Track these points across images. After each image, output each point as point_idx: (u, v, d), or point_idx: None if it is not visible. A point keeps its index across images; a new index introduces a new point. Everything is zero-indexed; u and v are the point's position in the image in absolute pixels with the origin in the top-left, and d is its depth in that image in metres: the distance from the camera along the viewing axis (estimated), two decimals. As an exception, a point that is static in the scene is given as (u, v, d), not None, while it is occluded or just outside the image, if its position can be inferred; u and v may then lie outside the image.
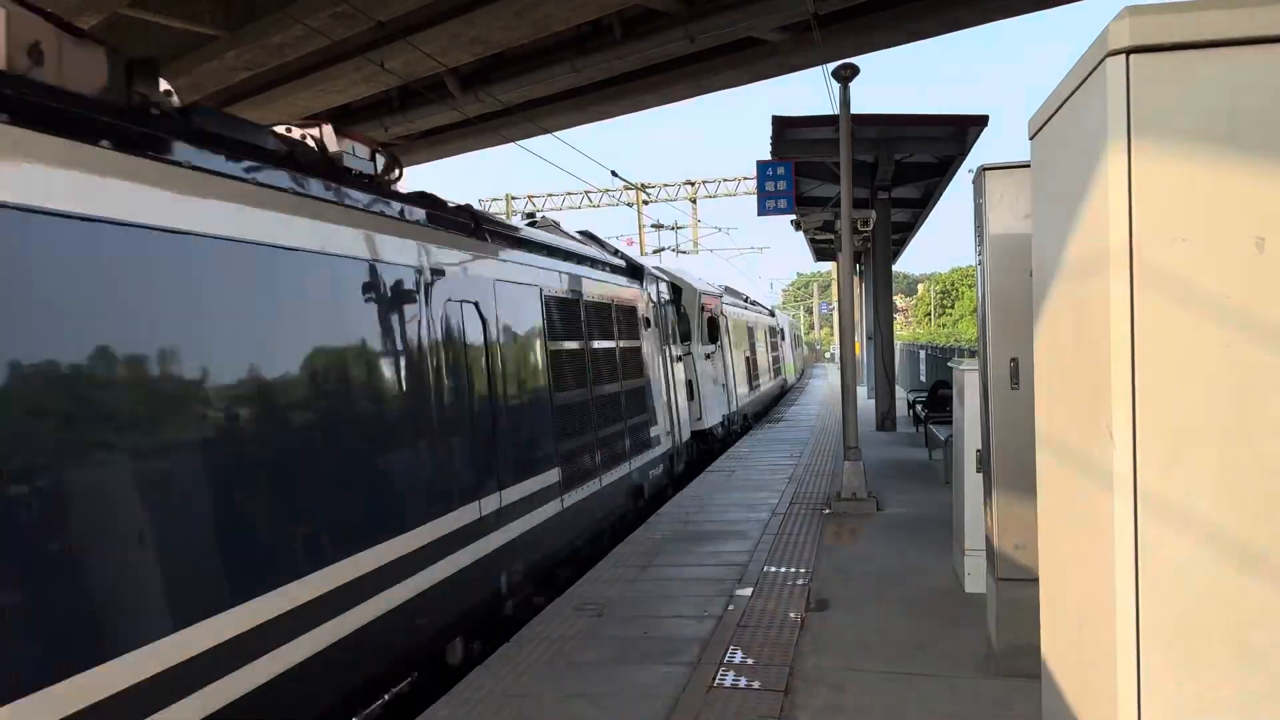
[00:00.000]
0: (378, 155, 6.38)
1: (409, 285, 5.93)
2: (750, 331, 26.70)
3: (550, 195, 46.03)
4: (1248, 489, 2.34)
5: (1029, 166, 3.62)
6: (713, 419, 16.76)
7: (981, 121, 14.74)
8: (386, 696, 5.35)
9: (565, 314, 8.86)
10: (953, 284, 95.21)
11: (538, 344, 8.05)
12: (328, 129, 5.92)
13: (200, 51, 16.05)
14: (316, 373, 4.80)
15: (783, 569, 7.89)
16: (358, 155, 6.04)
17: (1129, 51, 2.38)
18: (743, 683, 5.36)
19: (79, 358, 3.52)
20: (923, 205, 22.39)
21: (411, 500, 5.67)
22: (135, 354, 3.77)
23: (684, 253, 45.87)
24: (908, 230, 26.93)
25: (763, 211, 16.60)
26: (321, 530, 4.66)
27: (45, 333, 3.38)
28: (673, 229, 44.88)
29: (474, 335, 6.77)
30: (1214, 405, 2.35)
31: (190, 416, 3.99)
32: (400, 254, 5.84)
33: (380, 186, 6.00)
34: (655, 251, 44.32)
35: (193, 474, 3.98)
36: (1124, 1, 2.42)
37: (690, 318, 16.47)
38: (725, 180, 45.21)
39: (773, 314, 35.07)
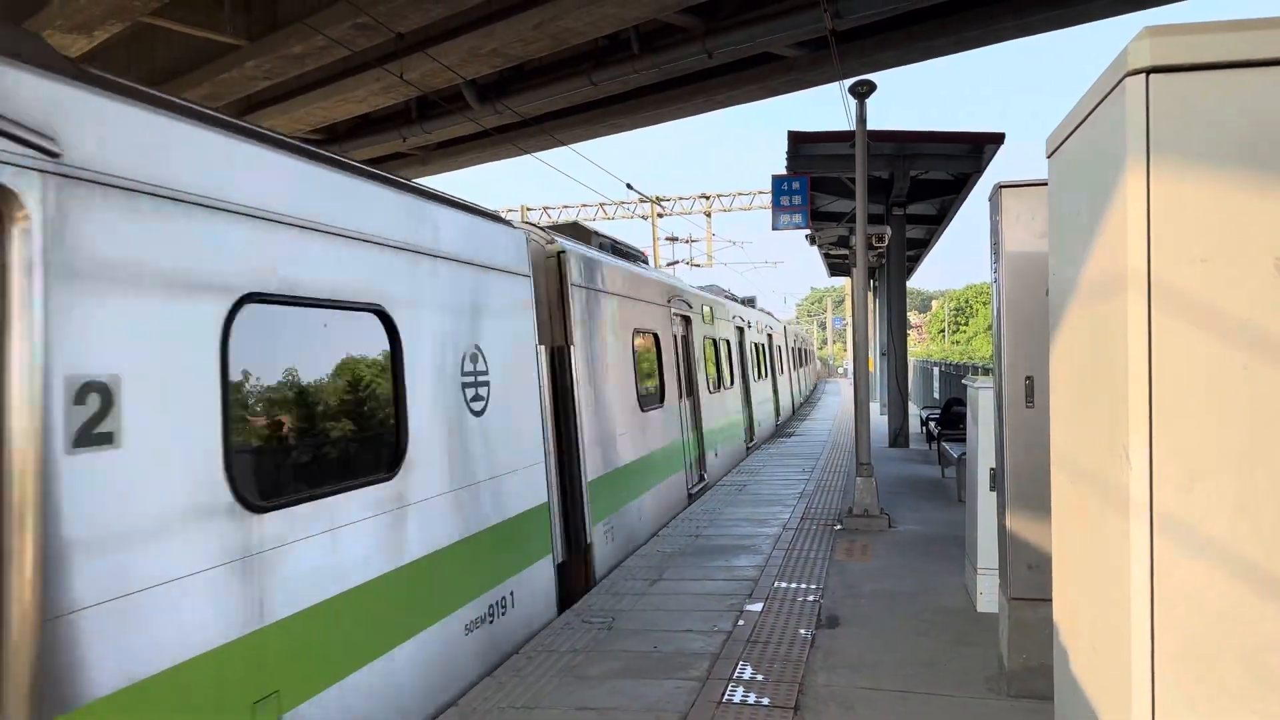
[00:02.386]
0: None
1: None
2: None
3: (565, 206, 46.22)
4: (1265, 512, 2.32)
5: (1046, 185, 3.61)
6: None
7: (998, 139, 14.73)
8: None
9: None
10: (967, 301, 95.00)
11: None
12: None
13: (221, 60, 16.23)
14: None
15: (793, 585, 7.86)
16: None
17: (1149, 71, 2.38)
18: (752, 699, 5.34)
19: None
20: (938, 222, 22.36)
21: None
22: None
23: (698, 265, 45.94)
24: (923, 246, 26.90)
25: (777, 226, 16.67)
26: None
27: None
28: (687, 242, 44.99)
29: None
30: (1231, 427, 2.34)
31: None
32: None
33: None
34: (670, 264, 44.44)
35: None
36: (1136, 22, 2.43)
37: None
38: (740, 194, 45.28)
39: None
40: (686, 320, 14.20)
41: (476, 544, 6.08)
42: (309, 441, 4.71)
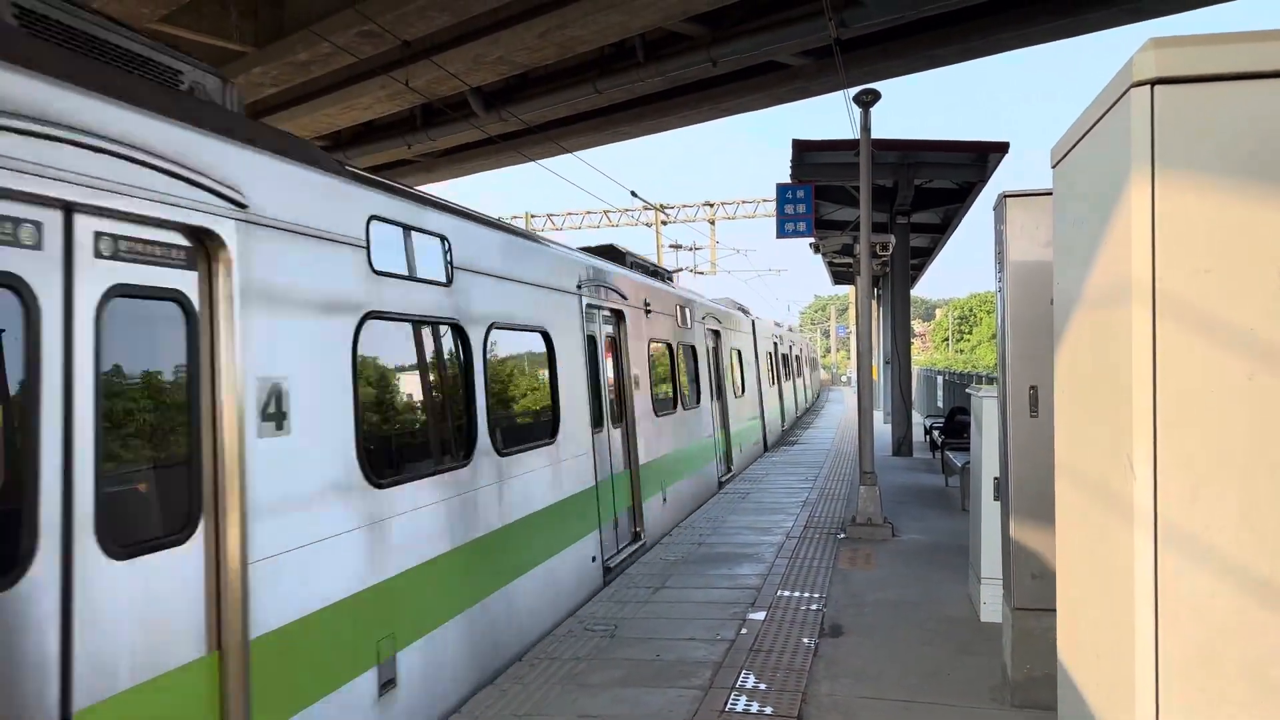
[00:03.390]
0: None
1: None
2: None
3: (570, 214, 46.25)
4: (1269, 522, 2.32)
5: (1050, 194, 3.62)
6: None
7: (1003, 148, 14.75)
8: None
9: None
10: (971, 310, 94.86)
11: None
12: None
13: (227, 67, 16.27)
14: None
15: (796, 593, 7.85)
16: None
17: (1154, 83, 2.38)
18: (755, 708, 5.33)
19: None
20: (942, 230, 22.37)
21: None
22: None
23: (701, 273, 45.97)
24: (927, 255, 26.92)
25: (782, 234, 16.66)
26: None
27: None
28: (691, 250, 45.00)
29: None
30: (1236, 437, 2.33)
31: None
32: None
33: None
34: (674, 272, 44.43)
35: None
36: (1141, 32, 2.43)
37: None
38: (744, 202, 45.28)
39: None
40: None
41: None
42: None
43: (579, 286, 8.57)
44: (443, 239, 6.00)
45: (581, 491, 8.10)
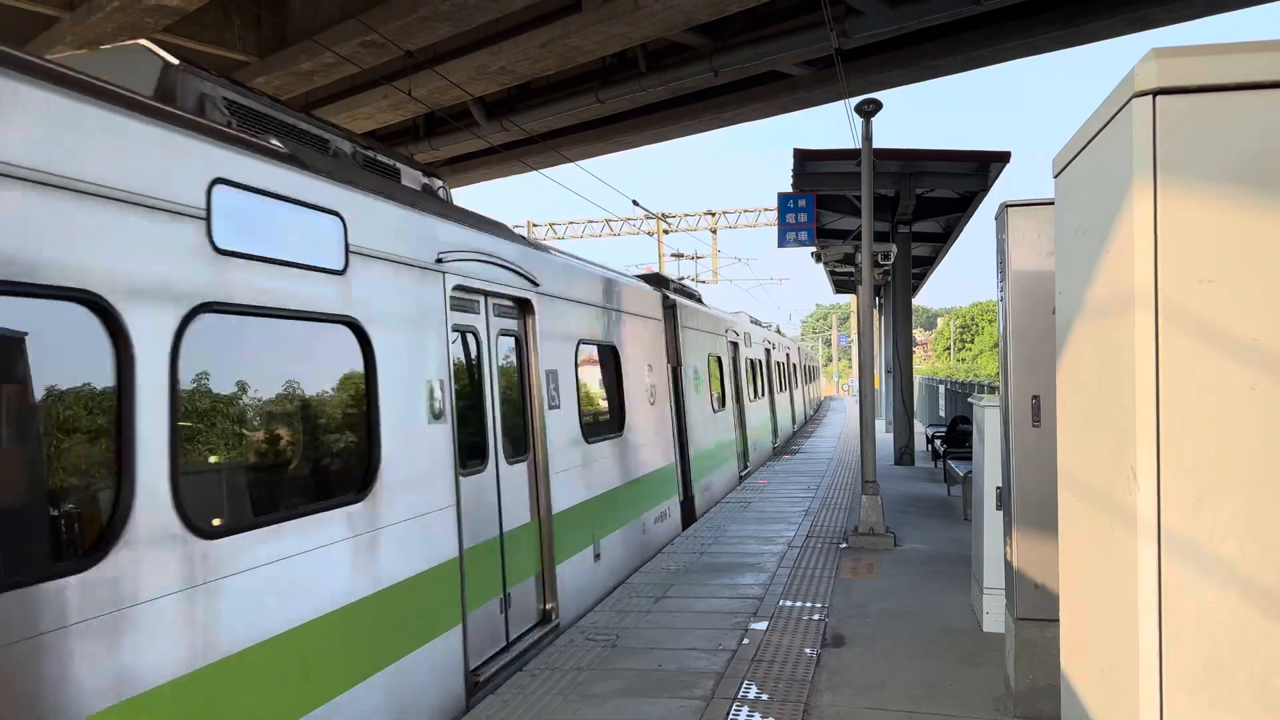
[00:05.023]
0: None
1: None
2: None
3: (571, 222, 46.36)
4: (1273, 533, 2.31)
5: (1052, 204, 3.62)
6: None
7: (1004, 158, 14.75)
8: None
9: None
10: (973, 319, 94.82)
11: None
12: None
13: (230, 76, 16.34)
14: None
15: (798, 603, 7.83)
16: None
17: (1156, 93, 2.39)
18: (757, 718, 5.31)
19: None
20: (944, 240, 22.37)
21: None
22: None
23: (703, 282, 46.05)
24: (928, 264, 26.91)
25: (783, 243, 16.66)
26: None
27: None
28: (693, 258, 45.09)
29: None
30: (1239, 448, 2.33)
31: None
32: None
33: None
34: (681, 278, 44.49)
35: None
36: (1144, 41, 2.44)
37: None
38: (746, 211, 45.40)
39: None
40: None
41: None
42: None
43: (439, 260, 5.87)
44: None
45: (430, 570, 5.43)
